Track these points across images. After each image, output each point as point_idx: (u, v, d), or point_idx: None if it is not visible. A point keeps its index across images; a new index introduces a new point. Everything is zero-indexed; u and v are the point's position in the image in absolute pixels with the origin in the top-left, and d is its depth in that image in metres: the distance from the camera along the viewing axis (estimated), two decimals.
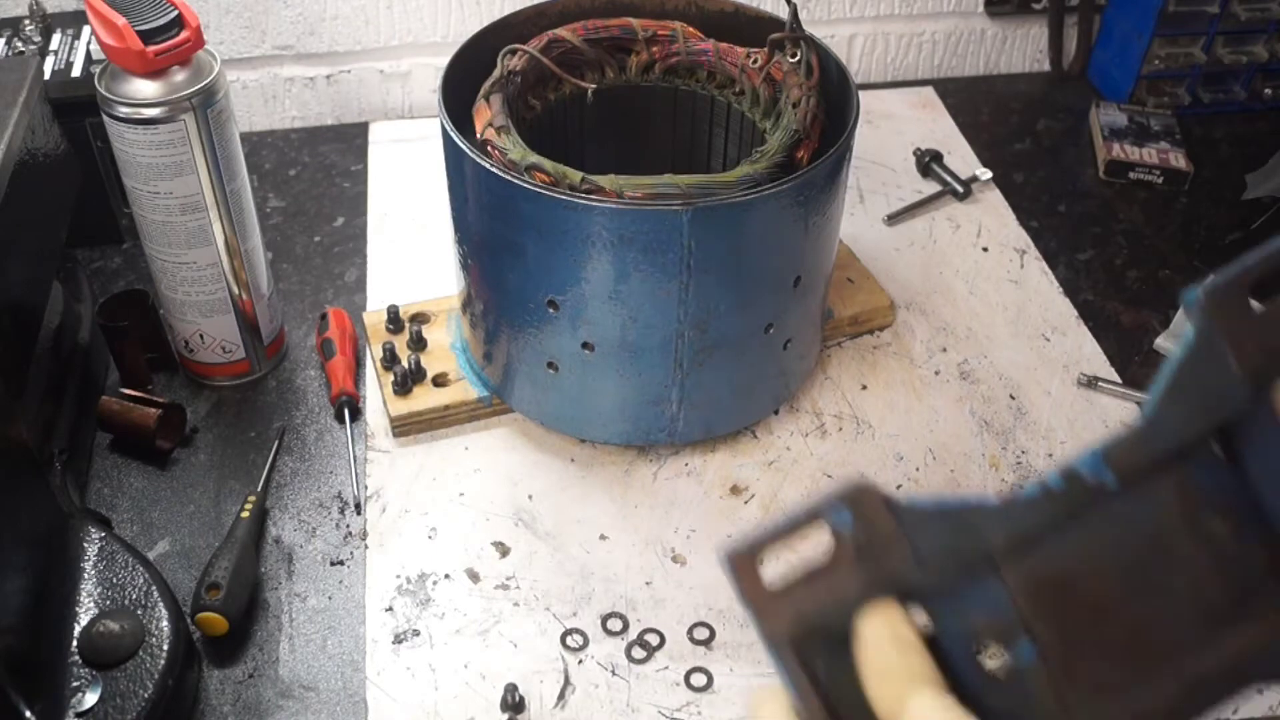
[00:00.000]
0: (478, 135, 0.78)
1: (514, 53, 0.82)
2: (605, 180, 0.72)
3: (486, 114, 0.78)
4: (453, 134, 0.75)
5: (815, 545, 0.41)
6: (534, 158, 0.73)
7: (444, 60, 0.81)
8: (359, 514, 0.81)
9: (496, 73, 0.81)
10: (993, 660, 0.42)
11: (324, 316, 0.92)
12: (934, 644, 0.42)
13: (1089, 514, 0.42)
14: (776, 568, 0.41)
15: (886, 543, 0.41)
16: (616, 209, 0.70)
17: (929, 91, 1.26)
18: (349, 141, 1.16)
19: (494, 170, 0.72)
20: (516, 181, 0.71)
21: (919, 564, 0.41)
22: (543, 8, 0.87)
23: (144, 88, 0.75)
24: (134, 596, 0.69)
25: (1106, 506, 0.43)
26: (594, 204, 0.70)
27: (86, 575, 0.70)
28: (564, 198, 0.71)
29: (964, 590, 0.42)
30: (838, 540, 0.41)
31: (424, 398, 0.86)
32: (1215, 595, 0.44)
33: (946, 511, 0.42)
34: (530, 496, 0.82)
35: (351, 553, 0.79)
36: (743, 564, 0.41)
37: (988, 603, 0.42)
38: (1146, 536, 0.43)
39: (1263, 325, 0.44)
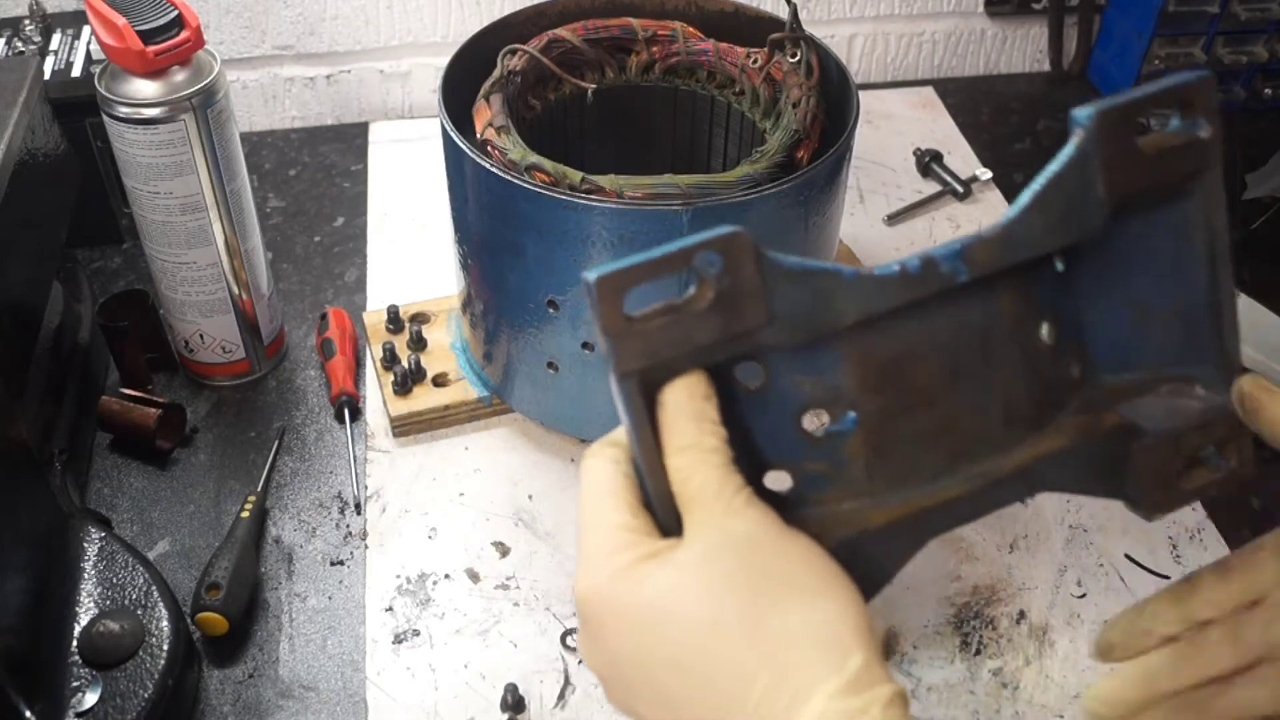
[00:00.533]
0: (478, 135, 0.78)
1: (514, 53, 0.82)
2: (605, 180, 0.72)
3: (486, 114, 0.78)
4: (453, 134, 0.75)
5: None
6: (534, 158, 0.73)
7: (444, 60, 0.81)
8: (359, 514, 0.81)
9: (496, 73, 0.81)
10: (812, 423, 0.43)
11: (324, 316, 0.92)
12: (757, 396, 0.43)
13: (934, 304, 0.43)
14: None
15: (747, 295, 0.41)
16: (616, 209, 0.70)
17: (929, 91, 1.26)
18: (349, 141, 1.16)
19: (494, 170, 0.72)
20: (516, 181, 0.71)
21: (771, 322, 0.41)
22: (543, 8, 0.87)
23: (144, 88, 0.75)
24: (134, 596, 0.69)
25: (952, 300, 0.44)
26: (594, 204, 0.70)
27: (86, 575, 0.70)
28: (564, 198, 0.71)
29: (804, 353, 0.42)
30: (701, 281, 0.41)
31: (424, 398, 0.86)
32: (1024, 401, 0.45)
33: (809, 273, 0.42)
34: (530, 496, 0.82)
35: (351, 553, 0.79)
36: (607, 292, 0.40)
37: (823, 369, 0.43)
38: (977, 334, 0.44)
39: (1135, 158, 0.46)
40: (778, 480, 0.45)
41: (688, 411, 0.43)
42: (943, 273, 0.43)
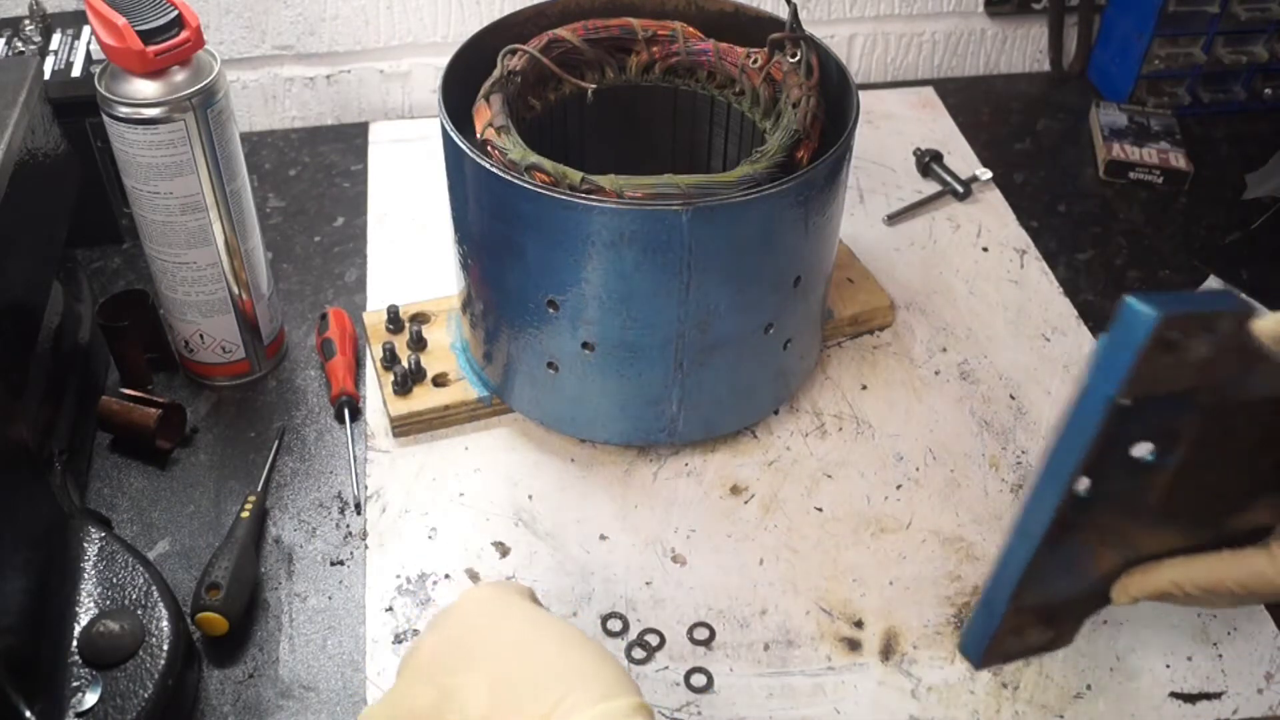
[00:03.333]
0: (478, 135, 0.78)
1: (514, 53, 0.82)
2: (605, 180, 0.72)
3: (486, 114, 0.78)
4: (453, 134, 0.75)
5: None
6: (534, 158, 0.73)
7: (444, 60, 0.81)
8: (359, 514, 0.81)
9: (496, 73, 0.81)
10: (1139, 450, 0.48)
11: (324, 316, 0.92)
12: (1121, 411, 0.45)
13: None
14: None
15: (1227, 366, 0.44)
16: (616, 209, 0.70)
17: (929, 91, 1.26)
18: (349, 141, 1.16)
19: (494, 170, 0.72)
20: (516, 181, 0.71)
21: (1220, 387, 0.45)
22: (543, 8, 0.87)
23: (144, 88, 0.75)
24: (134, 596, 0.69)
25: None
26: (594, 204, 0.70)
27: (86, 575, 0.70)
28: (564, 198, 0.71)
29: (1175, 401, 0.46)
30: (1203, 340, 0.43)
31: (424, 398, 0.86)
32: (1265, 480, 0.50)
33: (1262, 355, 0.46)
34: (530, 496, 0.82)
35: (351, 553, 0.79)
36: (1162, 330, 0.42)
37: (1180, 417, 0.46)
38: (1273, 426, 0.48)
39: None
40: (1080, 483, 0.48)
41: None
42: None
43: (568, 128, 0.88)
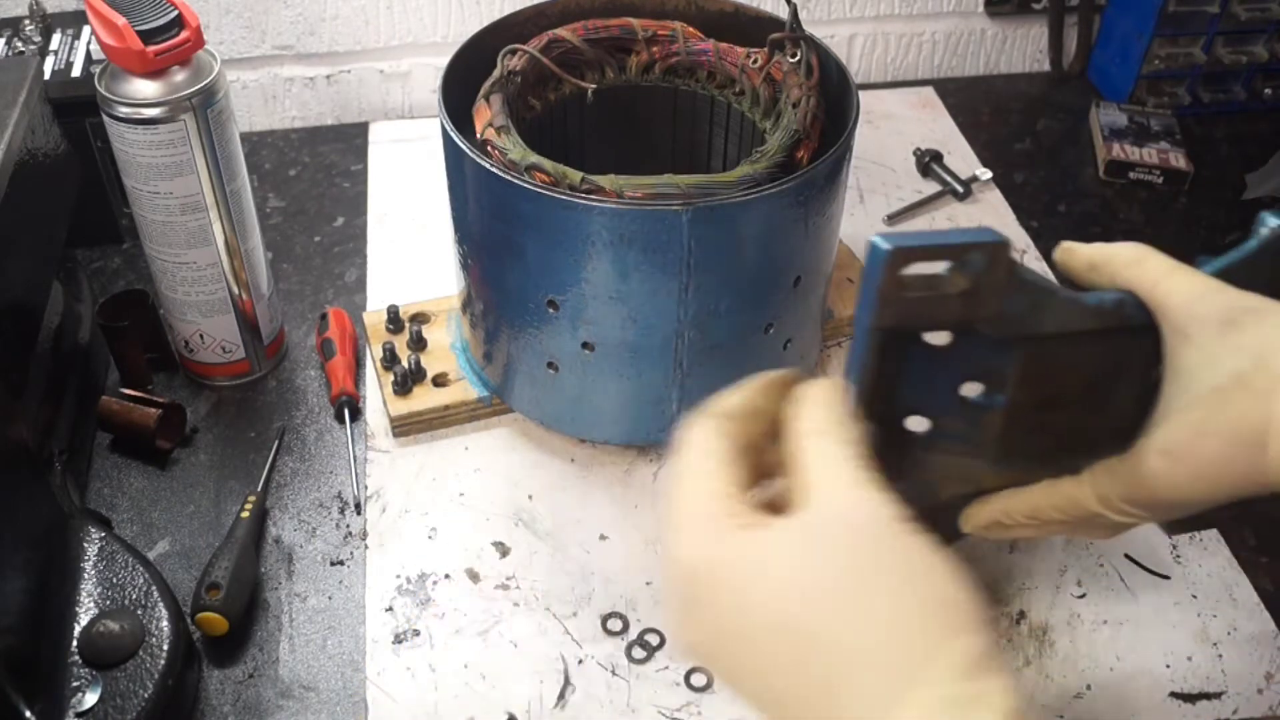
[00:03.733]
0: (478, 135, 0.78)
1: (514, 53, 0.82)
2: (605, 180, 0.72)
3: (486, 114, 0.78)
4: (453, 134, 0.75)
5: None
6: (534, 158, 0.73)
7: (444, 60, 0.81)
8: (359, 514, 0.81)
9: (496, 73, 0.81)
10: (970, 390, 0.51)
11: (324, 316, 0.92)
12: (934, 354, 0.50)
13: (1106, 334, 0.51)
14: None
15: (990, 293, 0.47)
16: (616, 209, 0.70)
17: (929, 91, 1.26)
18: (349, 141, 1.16)
19: (494, 170, 0.72)
20: (516, 181, 0.71)
21: (993, 319, 0.48)
22: (543, 8, 0.87)
23: (144, 88, 0.75)
24: (134, 596, 0.69)
25: (1117, 334, 0.51)
26: (594, 204, 0.70)
27: (86, 575, 0.70)
28: (564, 198, 0.71)
29: (991, 341, 0.49)
30: (961, 272, 0.47)
31: (424, 398, 0.86)
32: (1133, 420, 0.52)
33: (1036, 286, 0.49)
34: (530, 496, 0.82)
35: (351, 553, 0.79)
36: (895, 260, 0.45)
37: (999, 355, 0.50)
38: (1120, 364, 0.52)
39: None
40: (917, 424, 0.52)
41: (823, 401, 0.46)
42: (1126, 314, 0.51)
43: (568, 128, 0.88)
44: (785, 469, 0.45)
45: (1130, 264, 0.52)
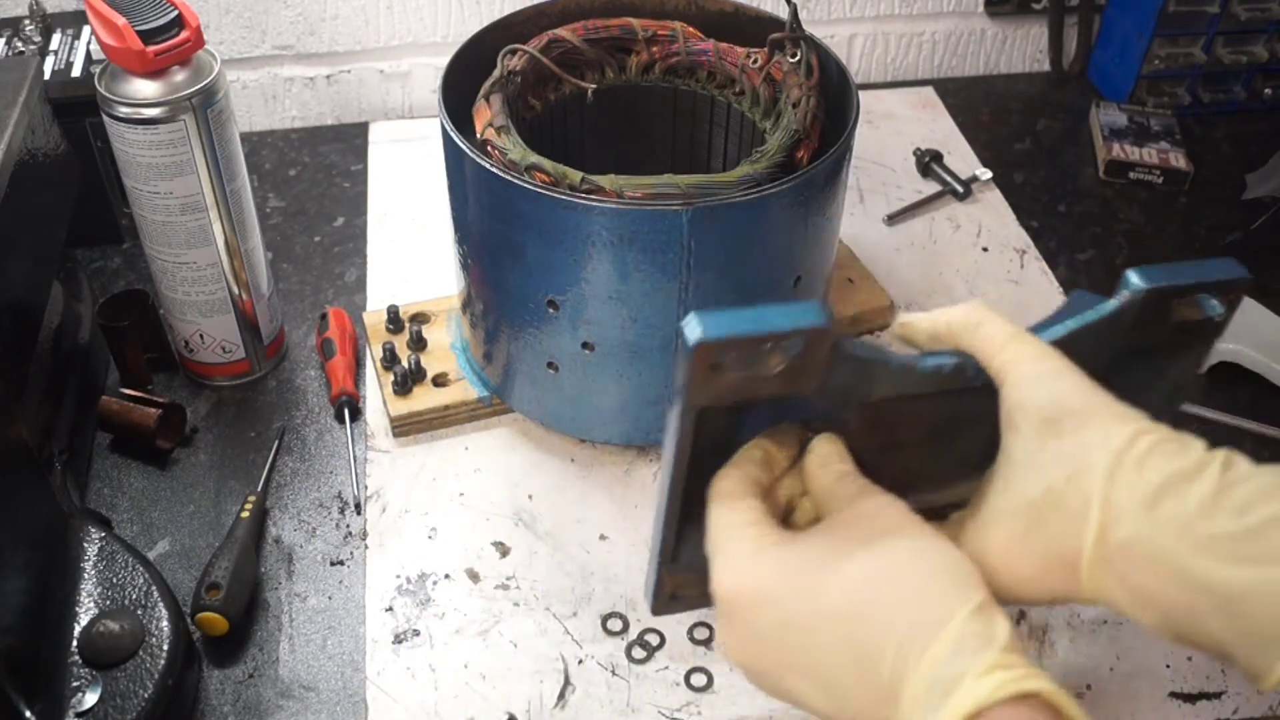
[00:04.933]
0: (478, 135, 0.78)
1: (514, 53, 0.82)
2: (605, 180, 0.72)
3: (486, 114, 0.78)
4: (453, 134, 0.75)
5: None
6: (534, 158, 0.73)
7: (444, 60, 0.81)
8: (359, 514, 0.81)
9: (496, 73, 0.81)
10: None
11: (324, 316, 0.92)
12: (771, 404, 0.51)
13: (945, 393, 0.52)
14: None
15: (811, 371, 0.48)
16: (616, 209, 0.70)
17: (929, 91, 1.26)
18: (349, 141, 1.16)
19: (494, 170, 0.72)
20: (516, 181, 0.71)
21: (817, 392, 0.49)
22: (542, 7, 0.87)
23: (144, 88, 0.75)
24: (134, 596, 0.69)
25: (959, 394, 0.52)
26: (594, 204, 0.70)
27: (86, 575, 0.70)
28: (564, 198, 0.71)
29: (822, 408, 0.51)
30: (778, 354, 0.47)
31: (424, 398, 0.86)
32: (977, 456, 0.53)
33: (867, 361, 0.50)
34: (530, 496, 0.82)
35: (351, 553, 0.79)
36: (704, 353, 0.45)
37: (835, 411, 0.52)
38: (961, 419, 0.53)
39: (1164, 324, 0.54)
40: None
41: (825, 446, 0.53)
42: (968, 376, 0.52)
43: (568, 128, 0.88)
44: (805, 498, 0.54)
45: (968, 329, 0.52)
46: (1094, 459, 0.46)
